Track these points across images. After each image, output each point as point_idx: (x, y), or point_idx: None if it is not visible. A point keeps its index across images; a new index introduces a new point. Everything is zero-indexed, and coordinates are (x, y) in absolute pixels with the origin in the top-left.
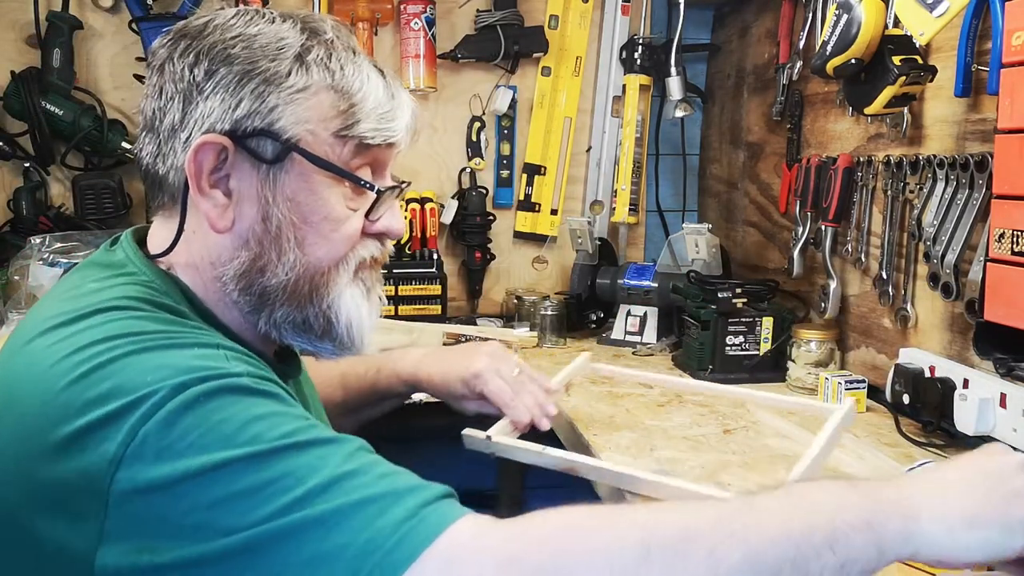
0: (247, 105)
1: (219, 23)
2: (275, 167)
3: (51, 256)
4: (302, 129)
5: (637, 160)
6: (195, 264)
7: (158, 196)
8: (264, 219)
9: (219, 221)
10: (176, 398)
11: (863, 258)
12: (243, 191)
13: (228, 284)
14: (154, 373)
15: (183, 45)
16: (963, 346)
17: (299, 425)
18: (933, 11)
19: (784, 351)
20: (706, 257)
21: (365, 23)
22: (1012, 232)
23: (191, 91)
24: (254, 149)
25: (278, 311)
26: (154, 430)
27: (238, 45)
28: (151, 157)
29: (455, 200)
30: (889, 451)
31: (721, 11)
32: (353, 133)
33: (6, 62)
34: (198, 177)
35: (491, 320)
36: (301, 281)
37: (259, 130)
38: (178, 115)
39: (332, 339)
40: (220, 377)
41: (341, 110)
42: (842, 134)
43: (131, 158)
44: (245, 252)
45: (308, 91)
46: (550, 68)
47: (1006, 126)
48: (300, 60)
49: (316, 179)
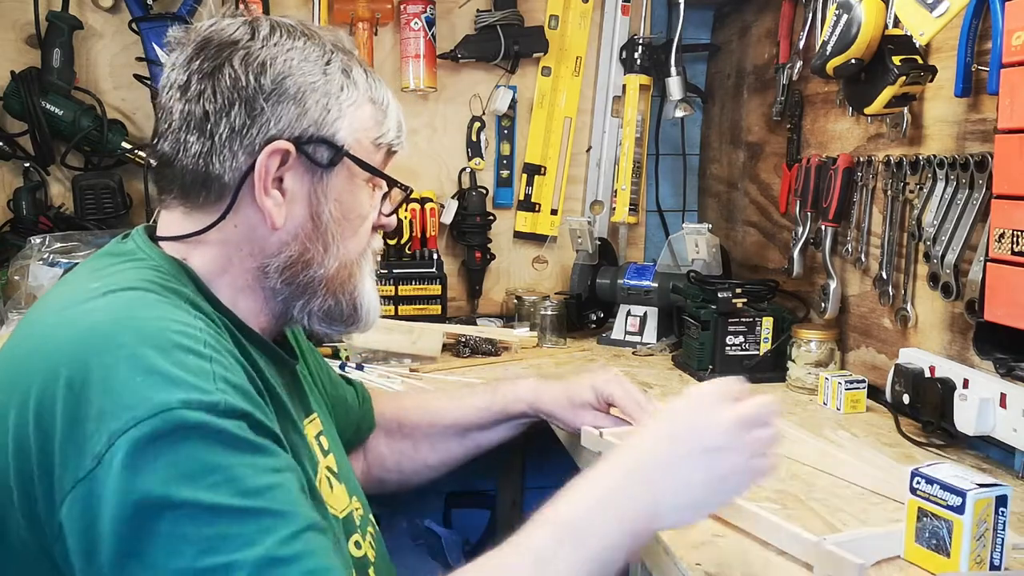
0: (312, 115)
1: (264, 34)
2: (327, 171)
3: (51, 256)
4: (352, 137)
5: (637, 160)
6: (228, 255)
7: (201, 193)
8: (313, 217)
9: (278, 219)
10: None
11: (863, 258)
12: (296, 191)
13: (272, 275)
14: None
15: (241, 53)
16: (963, 346)
17: (261, 484)
18: (933, 11)
19: (784, 351)
20: (706, 257)
21: (365, 23)
22: (1012, 232)
23: (256, 98)
24: (311, 154)
25: (316, 300)
26: (125, 447)
27: (295, 58)
28: (198, 156)
29: (455, 200)
30: (889, 451)
31: (721, 11)
32: (385, 140)
33: (6, 62)
34: (265, 179)
35: (491, 320)
36: (341, 271)
37: (318, 138)
38: (240, 119)
39: (355, 320)
40: (203, 408)
41: (377, 120)
42: (842, 134)
43: (131, 158)
44: (295, 246)
45: (356, 104)
46: (550, 68)
47: (1006, 126)
48: (347, 75)
49: (357, 182)
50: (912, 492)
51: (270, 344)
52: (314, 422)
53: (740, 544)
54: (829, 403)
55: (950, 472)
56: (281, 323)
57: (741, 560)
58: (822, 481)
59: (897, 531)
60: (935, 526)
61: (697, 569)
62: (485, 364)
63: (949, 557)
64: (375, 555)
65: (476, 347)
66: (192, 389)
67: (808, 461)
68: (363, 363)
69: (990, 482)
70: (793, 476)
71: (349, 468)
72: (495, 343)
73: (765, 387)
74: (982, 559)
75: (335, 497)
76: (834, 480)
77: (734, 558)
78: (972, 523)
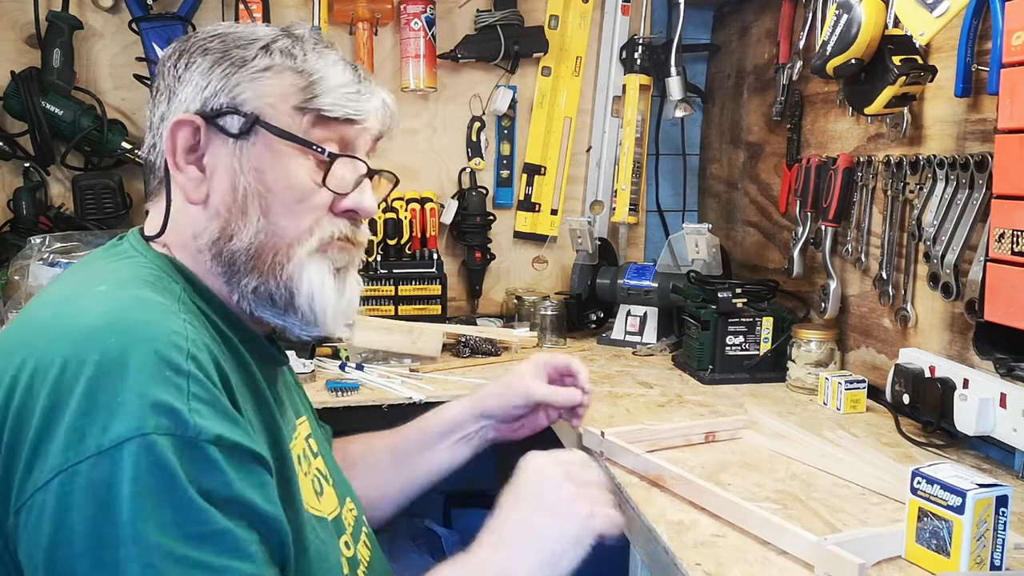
0: (214, 85)
1: (207, 28)
2: (242, 140)
3: (51, 256)
4: (263, 103)
5: (637, 160)
6: (183, 242)
7: (151, 183)
8: (232, 188)
9: (193, 193)
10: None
11: (863, 258)
12: (216, 165)
13: (205, 254)
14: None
15: (174, 49)
16: (963, 346)
17: (211, 530)
18: (933, 11)
19: (784, 351)
20: (706, 257)
21: (365, 23)
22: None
23: (174, 84)
24: (222, 125)
25: (244, 278)
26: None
27: (216, 40)
28: (148, 152)
29: (455, 200)
30: (889, 451)
31: (721, 11)
32: (312, 106)
33: (6, 62)
34: (173, 154)
35: (491, 320)
36: (265, 250)
37: (225, 106)
38: (164, 106)
39: (295, 312)
40: (171, 434)
41: (301, 87)
42: (842, 134)
43: (131, 158)
44: (216, 221)
45: (270, 71)
46: (550, 68)
47: (1006, 126)
48: (267, 49)
49: (280, 150)
50: (912, 492)
51: (261, 340)
52: (304, 423)
53: (740, 544)
54: (829, 403)
55: (950, 472)
56: (248, 311)
57: (741, 560)
58: (822, 481)
59: (897, 531)
60: (935, 526)
61: (697, 569)
62: (485, 364)
63: (949, 557)
64: (369, 556)
65: (476, 347)
66: (166, 413)
67: (808, 461)
68: (363, 363)
69: (990, 482)
70: (793, 476)
71: (339, 470)
72: (495, 343)
73: (765, 387)
74: (982, 559)
75: (325, 499)
76: (834, 480)
77: (734, 558)
78: (972, 523)
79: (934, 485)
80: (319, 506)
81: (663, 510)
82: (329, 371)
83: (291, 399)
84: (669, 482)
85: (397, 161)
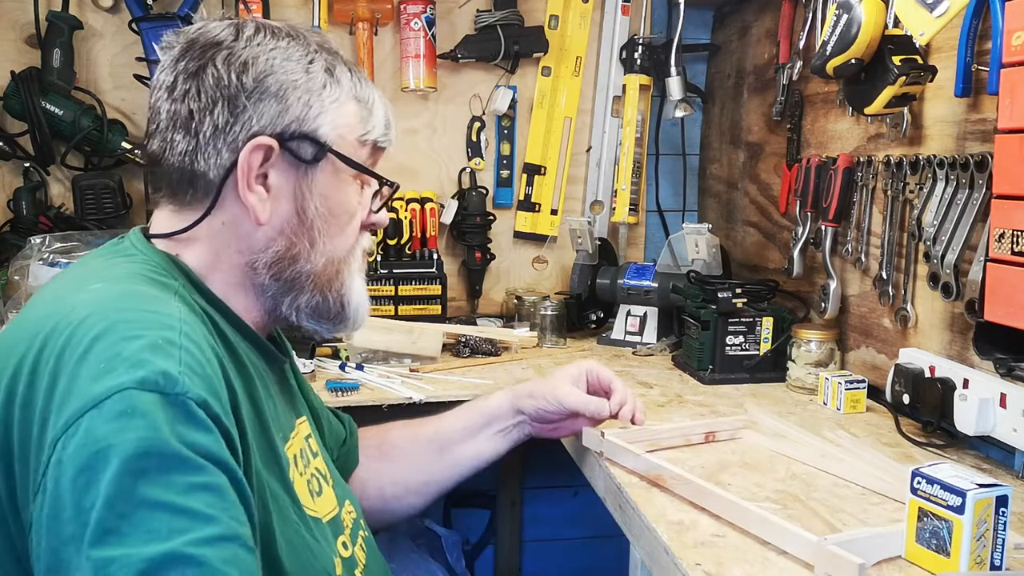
0: (293, 112)
1: (248, 35)
2: (312, 167)
3: (51, 256)
4: (335, 134)
5: (637, 160)
6: (216, 251)
7: (188, 191)
8: (299, 212)
9: (262, 214)
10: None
11: (863, 258)
12: (282, 187)
13: (260, 271)
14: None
15: (224, 53)
16: (963, 346)
17: (195, 482)
18: (933, 11)
19: (784, 351)
20: (706, 257)
21: (365, 23)
22: (1012, 232)
23: (238, 96)
24: (295, 150)
25: (304, 295)
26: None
27: (277, 57)
28: (184, 155)
29: (455, 200)
30: (889, 451)
31: (721, 11)
32: (370, 137)
33: (6, 62)
34: (248, 174)
35: (491, 320)
36: (328, 267)
37: (301, 134)
38: (223, 117)
39: (342, 320)
40: (158, 390)
41: (362, 117)
42: (842, 134)
43: (131, 158)
44: (281, 241)
45: (339, 101)
46: (550, 68)
47: (1006, 126)
48: (330, 74)
49: (343, 177)
50: (912, 492)
51: (261, 339)
52: (303, 423)
53: (740, 544)
54: (829, 403)
55: (950, 472)
56: (272, 319)
57: (741, 560)
58: (822, 481)
59: (897, 531)
60: (935, 526)
61: (697, 569)
62: (485, 364)
63: (949, 557)
64: (366, 557)
65: (476, 347)
66: (153, 371)
67: (808, 461)
68: (363, 363)
69: (990, 482)
70: (793, 476)
71: (336, 471)
72: (495, 343)
73: (765, 387)
74: (982, 559)
75: (323, 499)
76: (834, 480)
77: (734, 558)
78: (972, 523)
79: (934, 485)
80: (315, 507)
81: (663, 510)
82: (329, 371)
83: (290, 399)
84: (669, 482)
85: (397, 161)
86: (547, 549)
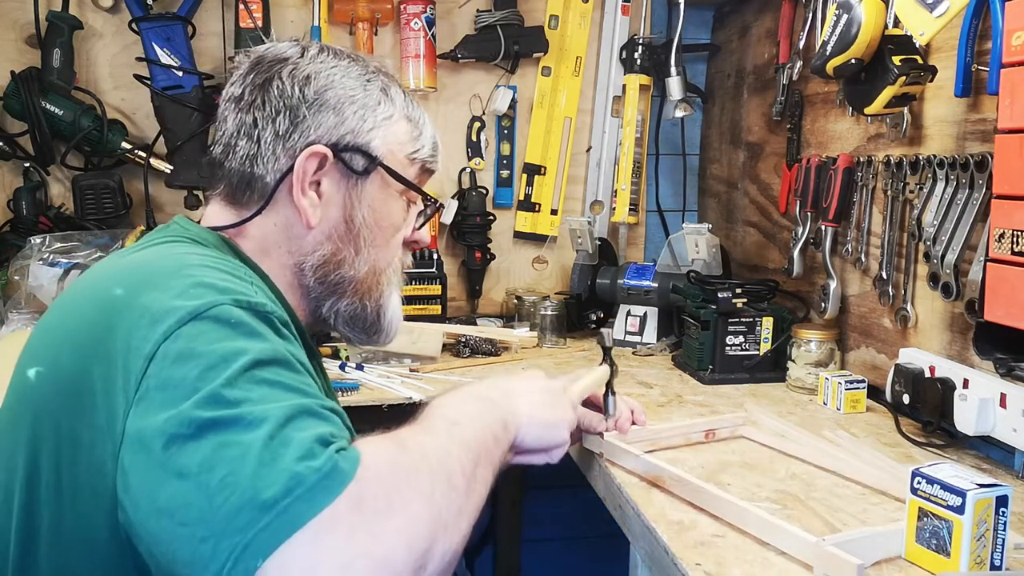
0: (349, 125)
1: (312, 53)
2: (362, 178)
3: (51, 256)
4: (386, 149)
5: (637, 160)
6: (266, 250)
7: (246, 192)
8: (347, 220)
9: (312, 218)
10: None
11: (863, 258)
12: (332, 195)
13: (307, 272)
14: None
15: (289, 68)
16: (963, 346)
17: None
18: (933, 11)
19: (784, 351)
20: (706, 257)
21: (365, 23)
22: (1012, 232)
23: (299, 107)
24: (347, 161)
25: (344, 300)
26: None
27: (338, 73)
28: (245, 158)
29: (455, 200)
30: (889, 451)
31: (721, 11)
32: (418, 157)
33: (6, 62)
34: (303, 179)
35: (491, 320)
36: (370, 276)
37: (354, 146)
38: (284, 125)
39: (377, 330)
40: (247, 307)
41: (412, 136)
42: (842, 134)
43: (131, 158)
44: (328, 246)
45: (392, 119)
46: (550, 68)
47: (1006, 126)
48: (385, 93)
49: (390, 191)
50: (913, 492)
51: (304, 329)
52: None
53: (740, 544)
54: (829, 403)
55: (950, 472)
56: (314, 320)
57: (741, 560)
58: (822, 481)
59: (897, 531)
60: (935, 526)
61: (697, 569)
62: (485, 364)
63: (949, 557)
64: None
65: (476, 347)
66: (240, 295)
67: (808, 461)
68: (363, 363)
69: (990, 482)
70: (793, 476)
71: None
72: (495, 343)
73: (765, 387)
74: (982, 559)
75: None
76: (834, 480)
77: (734, 558)
78: (972, 523)
79: (934, 485)
80: None
81: (663, 510)
82: (329, 371)
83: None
84: (668, 483)
85: None
86: (547, 549)
